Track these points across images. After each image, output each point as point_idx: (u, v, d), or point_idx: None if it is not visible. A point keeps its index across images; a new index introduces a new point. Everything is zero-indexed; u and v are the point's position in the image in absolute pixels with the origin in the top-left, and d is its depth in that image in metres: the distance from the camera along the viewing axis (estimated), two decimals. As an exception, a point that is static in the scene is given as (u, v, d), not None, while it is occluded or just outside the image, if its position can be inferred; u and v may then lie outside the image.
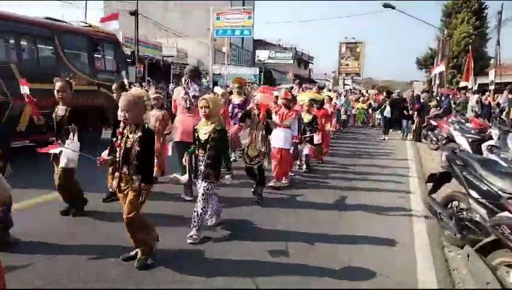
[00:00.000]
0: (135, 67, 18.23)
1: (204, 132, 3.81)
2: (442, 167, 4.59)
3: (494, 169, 3.69)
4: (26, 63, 7.68)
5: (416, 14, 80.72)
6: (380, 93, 20.57)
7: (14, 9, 8.19)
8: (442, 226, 4.19)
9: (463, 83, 16.34)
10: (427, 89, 18.95)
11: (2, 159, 3.63)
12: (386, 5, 19.32)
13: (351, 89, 25.27)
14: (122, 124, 3.33)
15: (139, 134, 3.14)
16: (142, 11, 24.80)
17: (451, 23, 30.61)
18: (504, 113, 9.75)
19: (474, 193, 3.65)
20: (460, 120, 9.15)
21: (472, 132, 8.16)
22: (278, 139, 5.93)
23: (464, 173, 3.81)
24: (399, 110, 13.11)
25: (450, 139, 8.81)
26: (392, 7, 19.34)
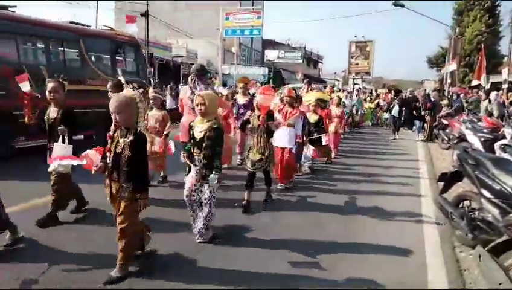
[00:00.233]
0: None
1: (199, 129, 3.65)
2: (453, 166, 4.54)
3: (507, 168, 3.62)
4: (54, 65, 8.14)
5: (427, 12, 79.96)
6: (390, 92, 20.38)
7: (21, 9, 8.45)
8: (453, 226, 4.14)
9: (475, 82, 16.11)
10: (439, 88, 18.73)
11: None
12: (396, 4, 19.13)
13: (360, 88, 25.07)
14: (112, 127, 3.13)
15: (130, 138, 2.93)
16: (152, 12, 25.01)
17: (463, 21, 30.18)
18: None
19: (486, 193, 3.59)
20: (473, 119, 9.02)
21: (484, 130, 8.04)
22: (281, 139, 5.76)
23: (476, 172, 3.75)
24: (410, 109, 12.94)
25: (462, 139, 8.69)
26: (402, 5, 19.15)
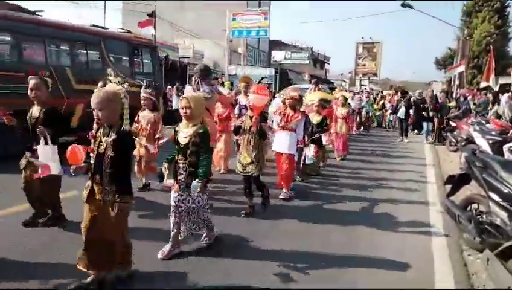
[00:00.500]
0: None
1: (184, 135, 3.39)
2: (461, 168, 4.48)
3: (516, 171, 3.58)
4: (78, 67, 8.68)
5: (435, 13, 79.28)
6: (396, 94, 20.26)
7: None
8: (461, 229, 4.10)
9: (483, 84, 15.95)
10: (446, 89, 18.59)
11: None
12: (404, 5, 19.02)
13: (366, 89, 24.98)
14: (95, 126, 2.98)
15: (113, 137, 2.72)
16: (159, 13, 25.09)
17: (471, 23, 29.93)
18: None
19: (494, 196, 3.54)
20: (481, 121, 8.93)
21: (493, 133, 7.95)
22: (282, 143, 5.46)
23: (484, 175, 3.71)
24: (419, 111, 12.83)
25: (470, 141, 8.60)
26: (410, 6, 19.03)
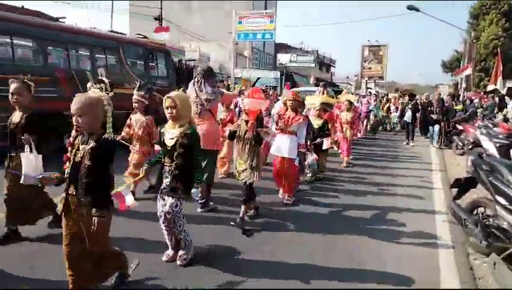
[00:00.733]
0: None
1: (171, 136, 3.21)
2: (467, 172, 4.46)
3: (523, 175, 3.55)
4: (98, 70, 8.91)
5: (442, 16, 79.00)
6: (402, 96, 20.14)
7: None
8: (467, 233, 4.07)
9: (490, 87, 15.84)
10: (453, 92, 18.49)
11: None
12: (410, 7, 18.97)
13: (371, 92, 24.87)
14: (73, 133, 2.73)
15: (92, 144, 2.52)
16: (165, 15, 25.31)
17: (478, 25, 29.78)
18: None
19: (501, 199, 3.52)
20: (488, 124, 8.85)
21: (500, 136, 7.88)
22: (282, 147, 5.28)
23: (491, 179, 3.69)
24: (426, 114, 12.76)
25: (477, 144, 8.53)
26: (416, 9, 18.97)
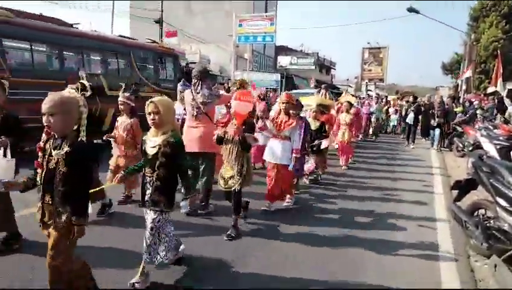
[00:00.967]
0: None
1: (152, 144, 2.95)
2: (468, 173, 4.45)
3: (524, 176, 3.55)
4: (110, 74, 9.62)
5: (442, 18, 79.08)
6: (399, 99, 20.11)
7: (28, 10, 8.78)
8: (467, 235, 4.06)
9: (491, 89, 15.85)
10: (453, 94, 18.51)
11: None
12: (410, 10, 19.02)
13: (369, 94, 24.85)
14: (44, 136, 2.48)
15: (66, 149, 2.32)
16: (166, 18, 25.38)
17: (478, 27, 29.81)
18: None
19: (502, 201, 3.51)
20: (488, 126, 8.85)
21: (500, 138, 7.87)
22: (274, 153, 5.06)
23: (491, 180, 3.68)
24: (427, 117, 12.75)
25: (477, 146, 8.53)
26: (416, 11, 19.02)
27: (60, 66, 8.49)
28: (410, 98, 16.94)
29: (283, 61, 41.24)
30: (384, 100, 20.59)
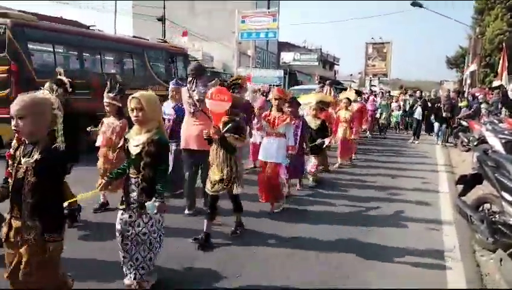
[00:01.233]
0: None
1: (136, 143, 2.73)
2: (473, 168, 4.44)
3: (529, 170, 3.53)
4: (126, 73, 9.95)
5: (445, 12, 78.49)
6: (402, 93, 19.97)
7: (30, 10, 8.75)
8: (473, 229, 4.06)
9: (496, 82, 15.73)
10: (458, 89, 18.39)
11: None
12: (414, 4, 18.89)
13: (371, 90, 24.77)
14: (14, 143, 2.30)
15: (36, 157, 2.09)
16: (168, 16, 25.38)
17: (483, 21, 29.54)
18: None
19: (507, 195, 3.51)
20: (493, 120, 8.79)
21: (506, 132, 7.82)
22: (267, 151, 4.91)
23: (496, 175, 3.67)
24: (433, 111, 12.68)
25: (482, 140, 8.47)
26: (420, 5, 18.89)
27: (80, 66, 8.97)
28: (417, 93, 16.80)
29: (286, 57, 41.14)
30: (387, 95, 20.50)
